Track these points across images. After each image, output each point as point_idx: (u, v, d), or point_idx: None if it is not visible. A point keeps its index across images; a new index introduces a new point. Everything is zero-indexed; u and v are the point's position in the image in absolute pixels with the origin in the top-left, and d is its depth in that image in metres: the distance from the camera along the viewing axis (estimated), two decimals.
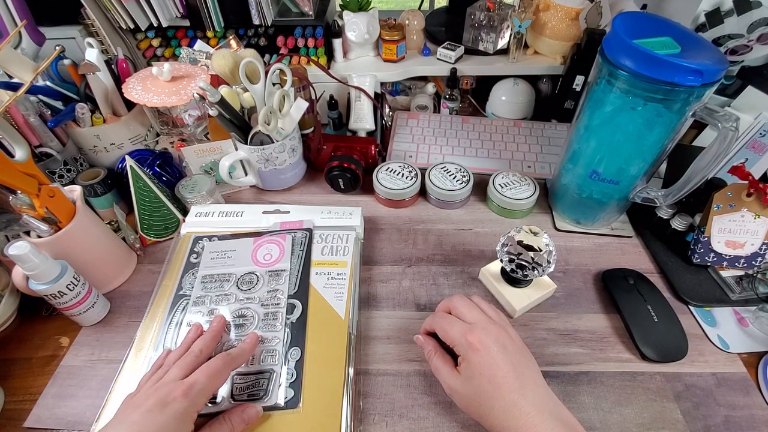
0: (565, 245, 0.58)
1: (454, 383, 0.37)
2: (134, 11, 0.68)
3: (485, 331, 0.37)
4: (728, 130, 0.42)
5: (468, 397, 0.36)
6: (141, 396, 0.34)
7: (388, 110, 0.77)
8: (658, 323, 0.48)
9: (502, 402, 0.34)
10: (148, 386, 0.35)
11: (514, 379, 0.35)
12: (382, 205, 0.64)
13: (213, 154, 0.62)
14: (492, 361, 0.36)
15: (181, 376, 0.36)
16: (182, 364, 0.37)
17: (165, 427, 0.32)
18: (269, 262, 0.51)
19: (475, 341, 0.36)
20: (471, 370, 0.36)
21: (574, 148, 0.55)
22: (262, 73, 0.55)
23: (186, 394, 0.34)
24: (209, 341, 0.41)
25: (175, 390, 0.34)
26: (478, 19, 0.74)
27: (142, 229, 0.57)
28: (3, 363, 0.47)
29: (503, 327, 0.39)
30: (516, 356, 0.37)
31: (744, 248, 0.52)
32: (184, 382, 0.35)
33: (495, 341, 0.37)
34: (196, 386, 0.35)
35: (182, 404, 0.33)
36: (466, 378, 0.37)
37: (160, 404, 0.33)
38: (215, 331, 0.42)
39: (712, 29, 0.60)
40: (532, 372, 0.37)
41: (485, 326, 0.38)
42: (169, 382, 0.35)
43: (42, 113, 0.55)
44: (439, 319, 0.41)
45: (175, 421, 0.33)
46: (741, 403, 0.43)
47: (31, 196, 0.44)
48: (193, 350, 0.39)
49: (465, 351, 0.37)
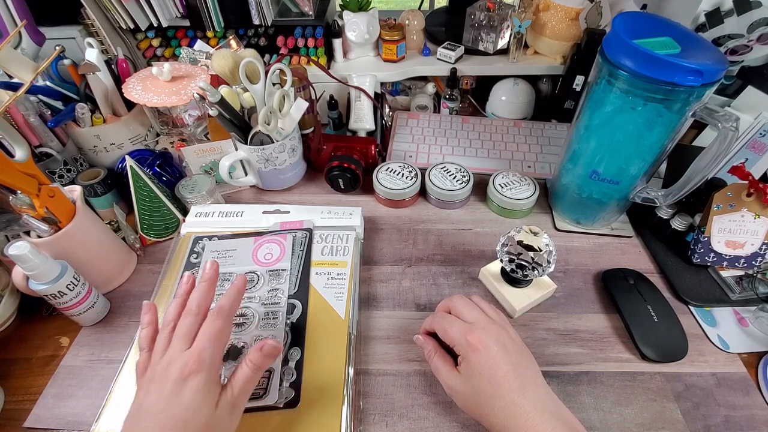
0: (565, 245, 0.58)
1: (454, 383, 0.38)
2: (134, 11, 0.68)
3: (485, 330, 0.37)
4: (728, 130, 0.42)
5: (468, 396, 0.37)
6: (157, 379, 0.33)
7: (388, 110, 0.77)
8: (658, 323, 0.48)
9: (502, 402, 0.34)
10: (161, 366, 0.33)
11: (515, 378, 0.35)
12: (382, 205, 0.64)
13: (213, 154, 0.62)
14: (492, 361, 0.36)
15: (186, 345, 0.34)
16: (183, 332, 0.35)
17: (191, 403, 0.31)
18: (270, 262, 0.51)
19: (474, 341, 0.37)
20: (471, 369, 0.36)
21: (574, 148, 0.55)
22: (262, 73, 0.55)
23: (200, 365, 0.33)
24: (205, 292, 0.37)
25: (187, 364, 0.32)
26: (478, 19, 0.74)
27: (142, 229, 0.57)
28: (3, 363, 0.47)
29: (503, 327, 0.39)
30: (516, 356, 0.37)
31: (744, 248, 0.52)
32: (192, 353, 0.33)
33: (495, 341, 0.37)
34: (205, 353, 0.33)
35: (200, 375, 0.32)
36: (466, 378, 0.37)
37: (179, 384, 0.32)
38: (210, 278, 0.39)
39: (712, 29, 0.60)
40: (533, 372, 0.37)
41: (485, 326, 0.38)
42: (178, 356, 0.33)
43: (42, 113, 0.55)
44: (439, 318, 0.41)
45: (200, 394, 0.32)
46: (741, 403, 0.43)
47: (31, 196, 0.44)
48: (190, 308, 0.36)
49: (465, 351, 0.37)
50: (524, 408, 0.33)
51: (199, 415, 0.31)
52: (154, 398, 0.32)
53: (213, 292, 0.38)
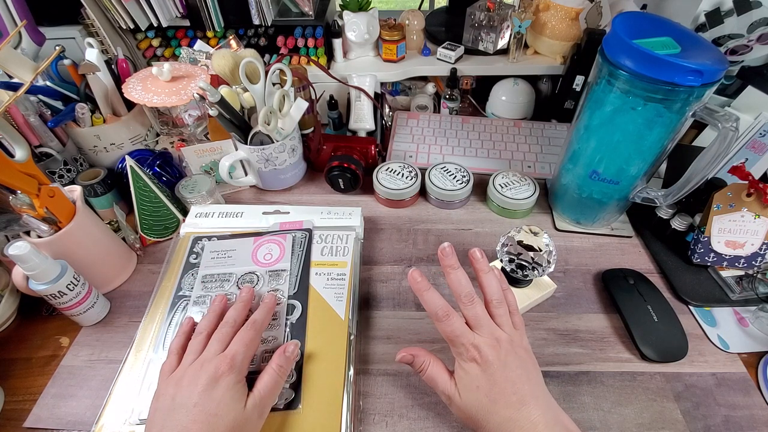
0: (565, 245, 0.58)
1: (450, 392, 0.36)
2: (134, 11, 0.68)
3: (492, 344, 0.35)
4: (728, 130, 0.42)
5: (463, 407, 0.35)
6: (189, 377, 0.35)
7: (388, 110, 0.77)
8: (658, 323, 0.48)
9: (497, 417, 0.33)
10: (194, 366, 0.36)
11: (512, 394, 0.34)
12: (382, 205, 0.64)
13: (213, 154, 0.62)
14: (491, 378, 0.34)
15: (220, 349, 0.37)
16: (220, 337, 0.39)
17: (222, 400, 0.34)
18: (270, 262, 0.51)
19: (476, 354, 0.35)
20: (468, 381, 0.35)
21: (574, 148, 0.55)
22: (262, 73, 0.55)
23: (231, 367, 0.36)
24: (241, 310, 0.42)
25: (221, 365, 0.36)
26: (478, 19, 0.74)
27: (142, 229, 0.57)
28: (3, 363, 0.47)
29: (513, 340, 0.36)
30: (518, 370, 0.35)
31: (744, 248, 0.52)
32: (226, 356, 0.36)
33: (498, 357, 0.35)
34: (238, 357, 0.37)
35: (231, 376, 0.35)
36: (462, 389, 0.36)
37: (212, 381, 0.35)
38: (245, 300, 0.44)
39: (712, 29, 0.60)
40: (533, 385, 0.35)
41: (494, 338, 0.35)
42: (212, 357, 0.37)
43: (42, 113, 0.55)
44: (451, 320, 0.36)
45: (230, 392, 0.35)
46: (741, 403, 0.43)
47: (31, 196, 0.44)
48: (228, 320, 0.40)
49: (464, 358, 0.36)
50: (519, 423, 0.33)
51: (230, 412, 0.34)
52: (186, 393, 0.34)
53: (247, 311, 0.43)
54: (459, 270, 0.38)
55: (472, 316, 0.36)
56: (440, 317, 0.36)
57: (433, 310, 0.37)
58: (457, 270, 0.38)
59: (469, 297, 0.37)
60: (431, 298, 0.37)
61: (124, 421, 0.39)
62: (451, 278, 0.38)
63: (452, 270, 0.38)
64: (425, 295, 0.37)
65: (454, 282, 0.38)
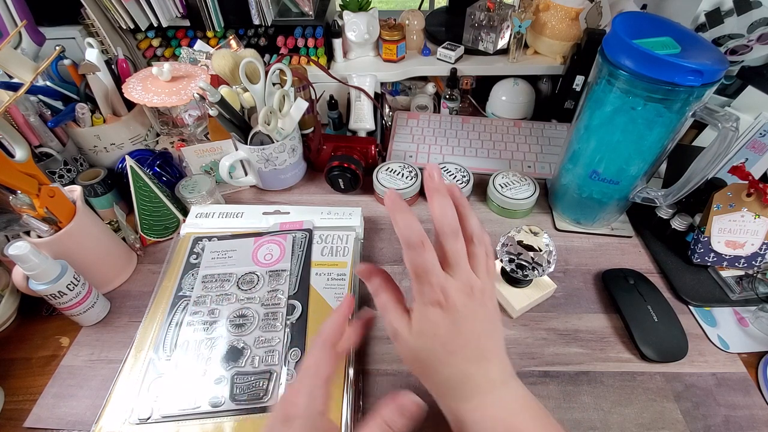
0: (565, 245, 0.58)
1: (402, 330, 0.32)
2: (134, 11, 0.68)
3: (462, 288, 0.30)
4: (728, 130, 0.42)
5: (413, 351, 0.31)
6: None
7: (388, 110, 0.77)
8: (658, 323, 0.48)
9: (452, 369, 0.31)
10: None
11: (474, 349, 0.30)
12: (382, 205, 0.64)
13: (213, 154, 0.62)
14: (453, 326, 0.30)
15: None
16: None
17: None
18: (270, 262, 0.51)
19: (442, 298, 0.30)
20: (426, 325, 0.30)
21: (574, 148, 0.55)
22: (262, 73, 0.55)
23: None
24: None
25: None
26: (478, 19, 0.74)
27: (142, 229, 0.57)
28: (3, 363, 0.47)
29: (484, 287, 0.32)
30: (484, 324, 0.31)
31: (744, 248, 0.52)
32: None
33: (465, 304, 0.30)
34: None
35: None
36: (417, 331, 0.31)
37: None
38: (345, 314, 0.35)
39: (712, 29, 0.60)
40: (495, 343, 0.32)
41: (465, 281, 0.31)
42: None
43: (42, 113, 0.55)
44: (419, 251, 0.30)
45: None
46: (741, 403, 0.43)
47: (31, 196, 0.44)
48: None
49: (428, 298, 0.30)
50: (476, 379, 0.30)
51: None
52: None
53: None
54: (447, 198, 0.31)
55: (453, 252, 0.30)
56: (413, 244, 0.29)
57: (406, 234, 0.30)
58: (444, 197, 0.31)
59: (454, 230, 0.31)
60: (406, 220, 0.30)
61: (124, 421, 0.39)
62: (435, 205, 0.30)
63: (439, 195, 0.31)
64: (399, 216, 0.30)
65: (438, 210, 0.30)
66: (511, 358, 0.33)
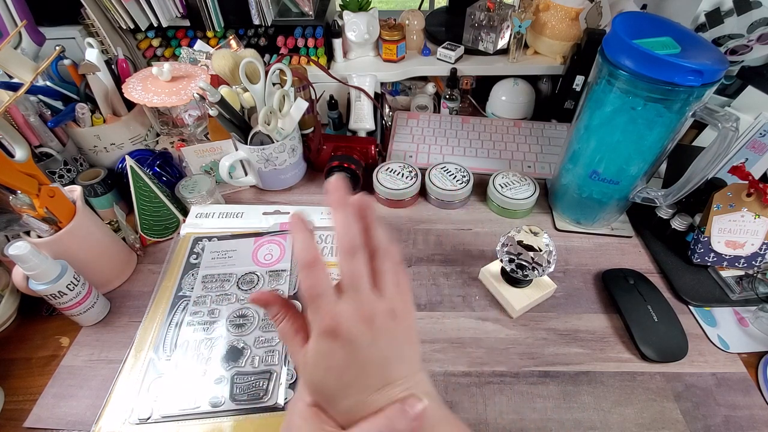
0: (565, 245, 0.58)
1: (298, 363, 0.28)
2: (134, 11, 0.68)
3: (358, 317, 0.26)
4: (728, 130, 0.42)
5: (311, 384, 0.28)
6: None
7: (388, 110, 0.77)
8: (658, 323, 0.48)
9: (349, 401, 0.27)
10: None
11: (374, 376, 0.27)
12: (382, 205, 0.64)
13: (213, 154, 0.62)
14: (349, 358, 0.26)
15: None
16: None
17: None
18: (270, 262, 0.51)
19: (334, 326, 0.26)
20: (317, 358, 0.27)
21: (574, 148, 0.55)
22: (262, 73, 0.55)
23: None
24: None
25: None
26: (478, 19, 0.74)
27: (142, 229, 0.57)
28: (3, 363, 0.47)
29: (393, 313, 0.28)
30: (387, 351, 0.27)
31: (744, 248, 0.52)
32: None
33: (363, 334, 0.26)
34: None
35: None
36: (312, 364, 0.27)
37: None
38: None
39: (712, 29, 0.60)
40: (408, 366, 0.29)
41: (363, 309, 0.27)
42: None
43: (42, 113, 0.55)
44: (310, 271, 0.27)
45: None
46: (741, 403, 0.43)
47: (31, 196, 0.44)
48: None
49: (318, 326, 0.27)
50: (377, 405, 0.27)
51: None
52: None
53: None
54: (349, 213, 0.28)
55: (349, 273, 0.27)
56: (307, 263, 0.26)
57: (301, 255, 0.27)
58: (346, 209, 0.28)
59: (353, 247, 0.27)
60: (305, 240, 0.27)
61: (124, 421, 0.39)
62: (337, 218, 0.27)
63: (340, 208, 0.27)
64: (298, 237, 0.27)
65: (340, 224, 0.27)
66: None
